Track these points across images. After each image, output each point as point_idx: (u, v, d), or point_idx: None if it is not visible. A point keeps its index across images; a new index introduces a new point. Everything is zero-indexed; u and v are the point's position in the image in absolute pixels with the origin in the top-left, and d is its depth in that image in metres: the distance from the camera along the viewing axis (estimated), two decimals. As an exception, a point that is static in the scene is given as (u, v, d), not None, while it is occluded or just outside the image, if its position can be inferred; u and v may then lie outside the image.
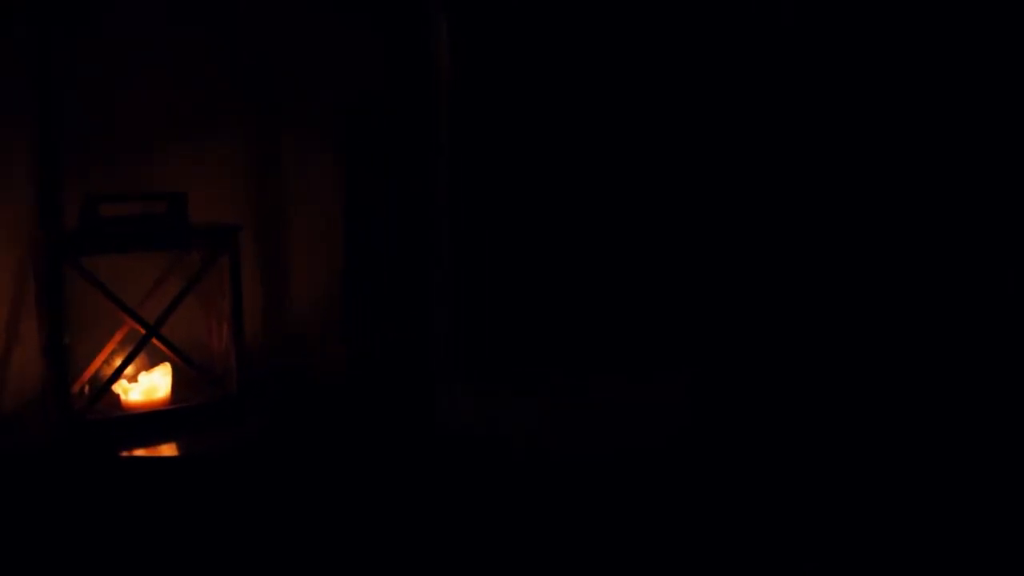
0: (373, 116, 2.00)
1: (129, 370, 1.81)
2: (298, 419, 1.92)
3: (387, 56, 1.99)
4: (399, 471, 1.84)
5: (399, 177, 2.01)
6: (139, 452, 1.72)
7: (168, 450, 1.76)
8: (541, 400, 2.07)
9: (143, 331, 1.78)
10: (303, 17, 1.97)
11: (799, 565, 1.66)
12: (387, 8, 1.99)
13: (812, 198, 2.03)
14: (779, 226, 2.06)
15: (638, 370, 2.15)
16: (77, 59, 1.78)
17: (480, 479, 1.86)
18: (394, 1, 1.99)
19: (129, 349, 1.78)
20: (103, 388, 1.78)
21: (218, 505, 1.67)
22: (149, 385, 1.83)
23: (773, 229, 2.06)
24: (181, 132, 1.89)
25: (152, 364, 1.84)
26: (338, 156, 2.02)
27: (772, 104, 2.03)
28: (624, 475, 1.86)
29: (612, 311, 2.18)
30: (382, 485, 1.80)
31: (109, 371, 1.78)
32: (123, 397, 1.82)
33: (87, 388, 1.80)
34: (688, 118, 2.11)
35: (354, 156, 2.02)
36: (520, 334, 2.18)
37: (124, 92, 1.84)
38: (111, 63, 1.82)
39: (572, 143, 2.14)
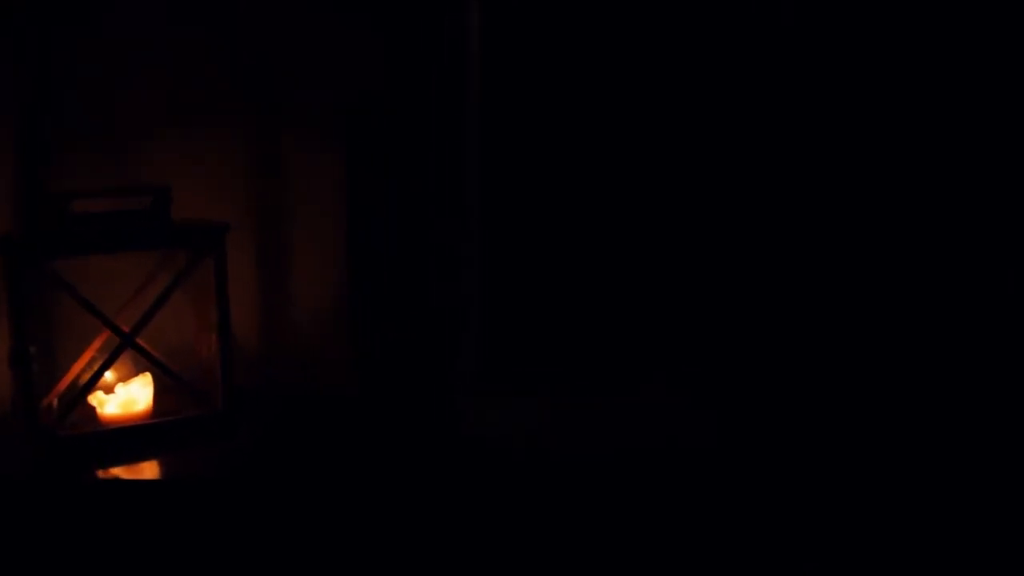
0: (373, 116, 2.00)
1: (109, 381, 1.70)
2: (299, 431, 1.82)
3: (388, 54, 1.99)
4: (418, 483, 1.75)
5: (399, 177, 2.00)
6: (115, 471, 1.59)
7: (148, 468, 1.62)
8: (567, 405, 2.06)
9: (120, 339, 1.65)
10: (303, 17, 1.97)
11: (799, 565, 1.65)
12: (395, 3, 1.98)
13: (816, 200, 2.03)
14: (782, 224, 2.06)
15: (646, 372, 2.16)
16: (76, 57, 1.78)
17: (509, 489, 1.79)
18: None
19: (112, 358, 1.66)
20: (74, 401, 1.65)
21: (204, 532, 1.53)
22: (127, 397, 1.71)
23: (776, 227, 2.07)
24: (181, 132, 1.89)
25: (139, 374, 1.74)
26: (338, 156, 2.02)
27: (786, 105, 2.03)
28: (629, 476, 1.86)
29: (626, 313, 2.18)
30: (399, 502, 1.69)
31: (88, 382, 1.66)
32: (99, 410, 1.70)
33: (55, 401, 1.67)
34: (726, 124, 2.10)
35: (354, 156, 2.02)
36: (542, 336, 2.18)
37: (124, 92, 1.84)
38: (110, 62, 1.81)
39: (595, 141, 2.14)
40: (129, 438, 1.67)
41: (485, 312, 2.18)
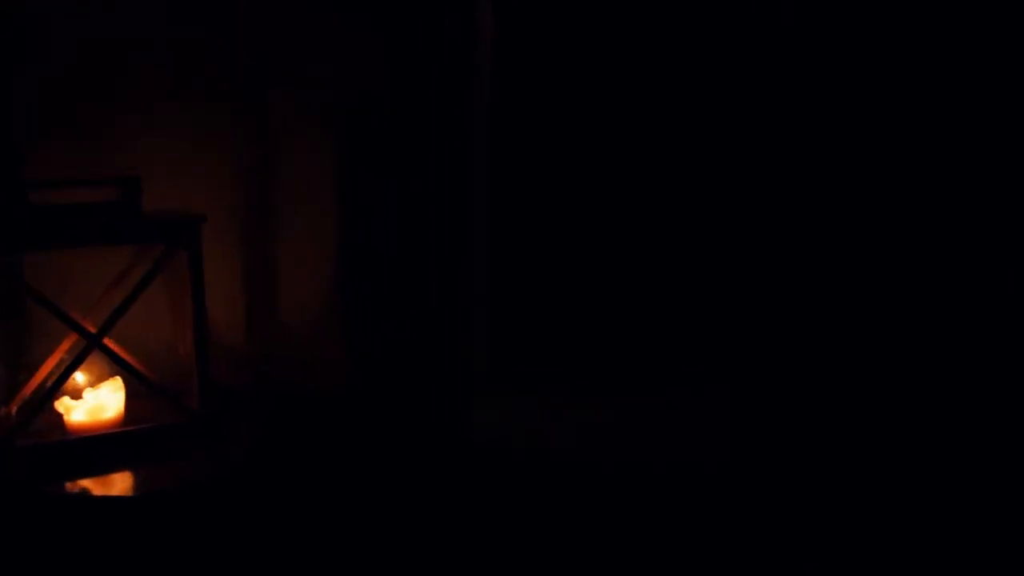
0: (373, 116, 2.00)
1: (80, 385, 1.60)
2: (293, 437, 1.73)
3: (388, 54, 1.98)
4: (419, 484, 1.70)
5: (399, 177, 2.00)
6: (83, 484, 1.46)
7: (119, 481, 1.49)
8: (569, 405, 2.06)
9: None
10: (303, 17, 1.97)
11: (799, 565, 1.65)
12: (395, 3, 1.98)
13: (819, 200, 2.02)
14: (784, 225, 2.06)
15: (648, 373, 2.16)
16: (76, 55, 1.78)
17: (510, 489, 1.75)
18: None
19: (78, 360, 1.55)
20: (36, 407, 1.54)
21: (181, 551, 1.40)
22: (95, 403, 1.58)
23: (778, 228, 2.06)
24: (179, 132, 1.89)
25: (111, 378, 1.64)
26: (338, 156, 2.02)
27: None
28: (629, 477, 1.86)
29: (630, 314, 2.18)
30: (401, 504, 1.63)
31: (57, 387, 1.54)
32: (66, 418, 1.58)
33: (14, 408, 1.57)
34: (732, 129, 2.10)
35: (354, 156, 2.01)
36: (544, 337, 2.18)
37: (124, 92, 1.84)
38: (109, 62, 1.81)
39: (597, 143, 2.14)
40: (98, 447, 1.54)
41: (488, 312, 2.18)
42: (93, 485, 1.47)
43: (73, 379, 1.61)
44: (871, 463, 1.86)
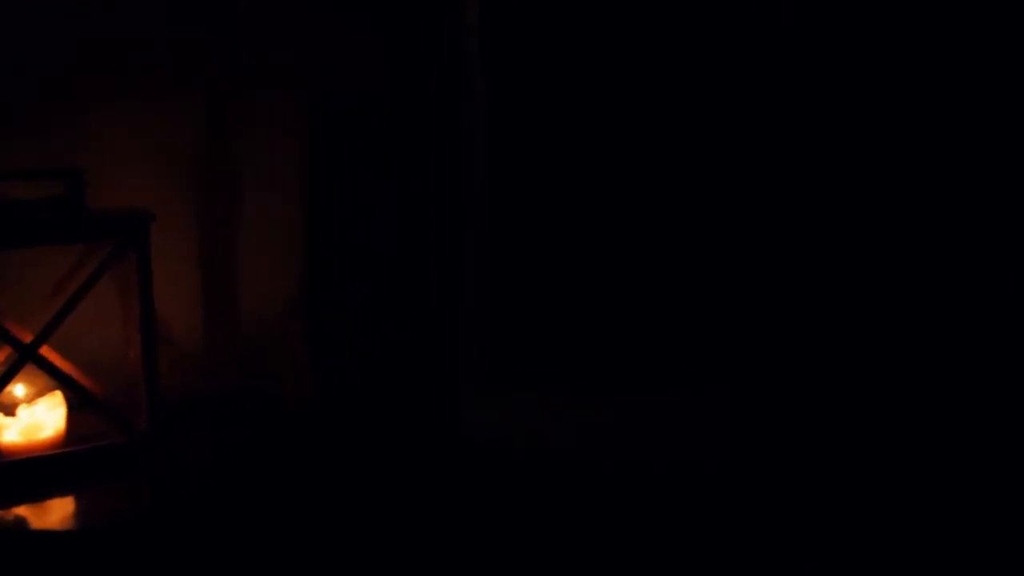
0: (373, 116, 2.00)
1: (19, 398, 1.45)
2: (256, 456, 1.58)
3: (388, 54, 1.99)
4: (417, 485, 1.67)
5: (400, 177, 2.00)
6: (17, 512, 1.30)
7: (56, 509, 1.32)
8: (568, 405, 2.06)
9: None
10: (303, 17, 1.97)
11: (799, 565, 1.65)
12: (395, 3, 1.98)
13: (819, 201, 2.02)
14: (784, 225, 2.06)
15: (649, 373, 2.16)
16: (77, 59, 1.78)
17: (509, 490, 1.73)
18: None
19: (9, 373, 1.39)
20: None
21: None
22: (30, 421, 1.42)
23: (779, 228, 2.06)
24: (175, 131, 1.89)
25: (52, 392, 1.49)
26: (335, 155, 2.01)
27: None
28: (629, 477, 1.85)
29: (630, 313, 2.17)
30: (397, 507, 1.58)
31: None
32: None
33: None
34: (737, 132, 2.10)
35: (354, 156, 2.02)
36: (544, 336, 2.17)
37: (125, 91, 1.84)
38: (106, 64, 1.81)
39: (596, 142, 2.14)
40: (33, 471, 1.39)
41: (488, 312, 2.18)
42: (27, 513, 1.34)
43: (9, 393, 1.47)
44: (871, 463, 1.86)
